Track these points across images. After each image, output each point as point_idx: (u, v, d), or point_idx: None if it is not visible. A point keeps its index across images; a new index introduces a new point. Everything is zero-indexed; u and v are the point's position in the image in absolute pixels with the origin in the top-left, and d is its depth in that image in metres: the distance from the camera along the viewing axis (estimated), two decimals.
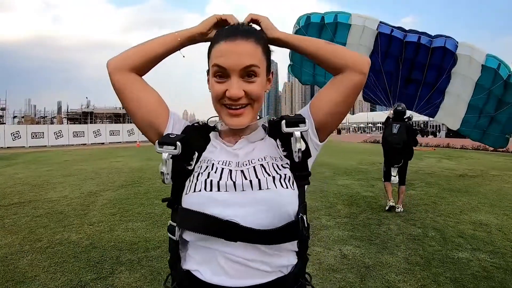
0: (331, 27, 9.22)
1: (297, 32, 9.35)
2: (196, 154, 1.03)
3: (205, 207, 0.91)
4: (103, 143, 34.38)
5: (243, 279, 0.90)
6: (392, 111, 6.77)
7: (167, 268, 3.36)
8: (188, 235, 0.96)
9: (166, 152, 0.95)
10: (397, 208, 6.15)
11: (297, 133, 0.96)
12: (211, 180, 0.94)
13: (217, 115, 1.08)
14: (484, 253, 4.20)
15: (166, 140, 0.97)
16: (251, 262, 0.91)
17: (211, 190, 0.93)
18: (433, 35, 8.82)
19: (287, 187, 0.94)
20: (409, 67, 9.22)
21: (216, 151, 1.05)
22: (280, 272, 0.94)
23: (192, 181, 0.97)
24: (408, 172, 6.72)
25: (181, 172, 0.99)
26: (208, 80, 1.05)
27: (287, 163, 1.01)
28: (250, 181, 0.94)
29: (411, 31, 9.07)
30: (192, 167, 1.01)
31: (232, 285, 0.89)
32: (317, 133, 1.08)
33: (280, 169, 0.99)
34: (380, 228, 5.18)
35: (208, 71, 1.05)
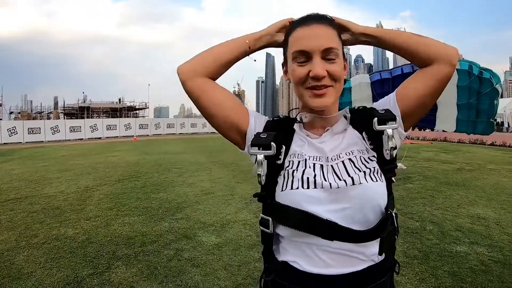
0: None
1: None
2: (284, 148, 1.02)
3: (303, 204, 0.92)
4: (100, 138, 34.27)
5: (340, 268, 0.92)
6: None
7: (164, 263, 3.35)
8: (282, 230, 0.98)
9: (261, 154, 0.96)
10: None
11: (390, 131, 0.96)
12: (308, 178, 0.95)
13: (297, 107, 1.12)
14: (482, 246, 4.19)
15: (259, 142, 0.98)
16: (347, 252, 0.92)
17: (308, 187, 0.93)
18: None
19: (376, 180, 0.95)
20: None
21: (305, 146, 1.04)
22: (372, 260, 0.95)
23: (287, 178, 0.97)
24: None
25: (273, 168, 0.99)
26: (285, 72, 1.11)
27: (374, 156, 1.01)
28: (344, 180, 0.94)
29: (395, 68, 10.05)
30: (282, 162, 1.01)
31: (330, 273, 0.92)
32: (402, 122, 1.07)
33: (368, 162, 0.99)
34: None
35: (283, 64, 1.11)
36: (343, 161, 0.99)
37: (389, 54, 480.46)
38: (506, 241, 4.39)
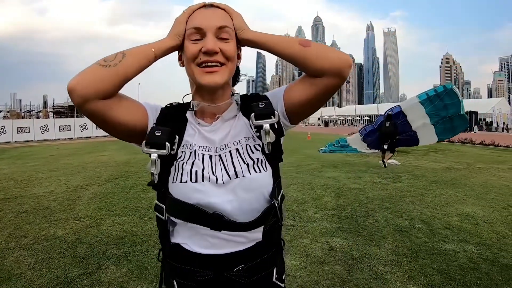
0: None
1: None
2: (177, 138, 1.06)
3: (191, 196, 0.98)
4: (89, 137, 33.98)
5: (225, 249, 1.00)
6: (386, 114, 11.16)
7: (154, 262, 3.34)
8: (175, 218, 1.04)
9: (155, 153, 0.99)
10: (382, 164, 10.64)
11: (266, 126, 1.02)
12: (196, 171, 1.01)
13: (190, 93, 1.15)
14: (471, 244, 4.24)
15: (153, 140, 1.00)
16: (233, 237, 1.01)
17: (196, 181, 0.99)
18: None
19: (260, 171, 1.02)
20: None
21: (195, 136, 1.09)
22: (255, 241, 1.04)
23: (178, 170, 1.02)
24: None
25: (167, 159, 1.03)
26: (180, 57, 1.12)
27: (259, 144, 1.07)
28: (228, 173, 1.01)
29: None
30: (175, 152, 1.05)
31: (215, 253, 1.00)
32: (288, 117, 1.12)
33: (253, 152, 1.06)
34: (367, 220, 5.21)
35: (179, 51, 1.11)
36: (230, 151, 1.06)
37: (379, 54, 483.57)
38: (495, 239, 4.45)
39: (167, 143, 1.00)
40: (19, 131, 30.18)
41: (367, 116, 76.33)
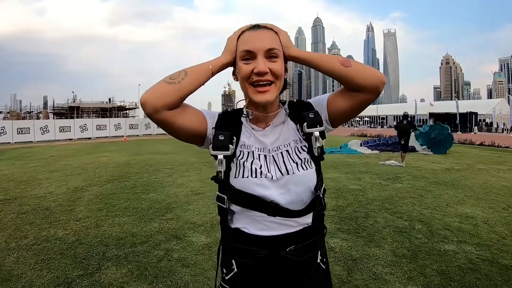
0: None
1: None
2: (235, 139, 1.22)
3: (251, 189, 1.16)
4: (89, 138, 34.01)
5: (279, 231, 1.17)
6: (403, 114, 13.09)
7: (154, 263, 3.36)
8: (235, 206, 1.21)
9: (221, 154, 1.17)
10: (401, 164, 11.48)
11: (316, 133, 1.20)
12: (255, 168, 1.18)
13: (243, 99, 1.28)
14: (470, 245, 4.25)
15: (219, 144, 1.18)
16: (286, 221, 1.18)
17: (255, 177, 1.17)
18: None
19: (307, 169, 1.20)
20: None
21: (251, 138, 1.26)
22: (306, 224, 1.21)
23: (239, 167, 1.19)
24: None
25: (228, 157, 1.20)
26: (234, 72, 1.27)
27: (305, 146, 1.25)
28: (281, 170, 1.19)
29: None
30: (234, 151, 1.21)
31: (271, 234, 1.17)
32: (330, 122, 1.29)
33: (300, 153, 1.23)
34: (367, 221, 5.21)
35: (234, 66, 1.25)
36: (281, 152, 1.23)
37: (379, 55, 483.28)
38: (494, 239, 4.45)
39: (230, 145, 1.18)
40: (19, 132, 30.23)
41: (367, 117, 76.41)
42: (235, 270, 1.21)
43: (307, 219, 1.21)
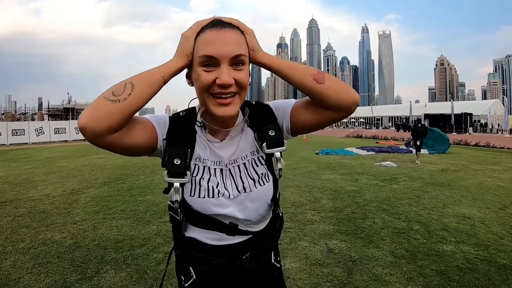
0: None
1: None
2: (189, 151, 1.12)
3: (208, 209, 1.10)
4: (85, 140, 33.77)
5: (234, 240, 1.15)
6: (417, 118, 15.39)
7: (153, 266, 3.34)
8: (194, 226, 1.16)
9: (178, 182, 1.07)
10: (416, 162, 12.67)
11: (277, 154, 1.13)
12: (212, 187, 1.11)
13: (195, 97, 1.12)
14: (468, 245, 4.27)
15: (174, 170, 1.07)
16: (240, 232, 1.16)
17: (213, 196, 1.10)
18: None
19: (264, 184, 1.15)
20: None
21: (207, 151, 1.15)
22: (255, 232, 1.19)
23: (196, 185, 1.11)
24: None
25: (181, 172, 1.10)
26: (188, 75, 1.11)
27: (262, 157, 1.18)
28: (237, 187, 1.14)
29: None
30: (188, 164, 1.11)
31: (226, 243, 1.14)
32: (290, 131, 1.19)
33: (258, 166, 1.17)
34: (365, 222, 5.22)
35: (189, 67, 1.08)
36: (238, 165, 1.16)
37: (374, 57, 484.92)
38: (492, 239, 4.48)
39: (188, 172, 1.09)
40: (14, 133, 30.04)
41: (362, 118, 76.54)
42: (194, 277, 1.18)
43: (260, 227, 1.21)
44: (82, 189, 8.06)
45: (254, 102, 1.22)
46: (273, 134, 1.14)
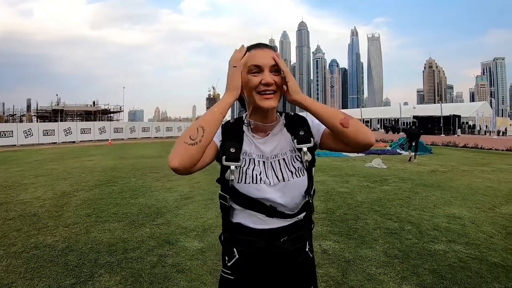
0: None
1: None
2: (239, 145, 1.40)
3: (252, 193, 1.34)
4: (74, 142, 33.54)
5: (274, 225, 1.35)
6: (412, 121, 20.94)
7: (148, 269, 3.34)
8: (236, 205, 1.38)
9: (233, 165, 1.34)
10: (414, 161, 13.59)
11: (305, 149, 1.39)
12: (256, 175, 1.35)
13: (242, 110, 1.53)
14: (460, 244, 4.33)
15: (231, 156, 1.35)
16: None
17: (256, 183, 1.34)
18: None
19: (300, 176, 1.39)
20: None
21: (252, 146, 1.42)
22: (297, 219, 1.39)
23: (242, 174, 1.36)
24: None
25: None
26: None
27: (298, 156, 1.42)
28: (278, 177, 1.37)
29: None
30: (239, 154, 1.38)
31: (266, 227, 1.35)
32: (319, 146, 1.49)
33: (295, 162, 1.41)
34: (357, 223, 5.27)
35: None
36: (279, 160, 1.40)
37: (363, 59, 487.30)
38: (482, 238, 4.55)
39: (242, 157, 1.37)
40: (2, 135, 29.64)
41: None
42: (237, 256, 1.38)
43: (300, 216, 1.41)
44: (73, 191, 7.99)
45: (292, 114, 1.52)
46: (303, 133, 1.42)
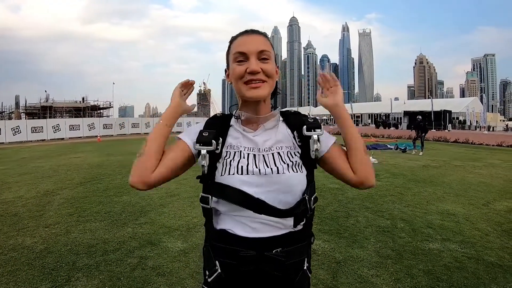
0: None
1: None
2: (221, 140, 1.24)
3: (238, 186, 1.15)
4: (63, 139, 33.13)
5: (265, 233, 1.15)
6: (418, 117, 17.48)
7: (127, 273, 3.11)
8: (221, 207, 1.20)
9: (204, 149, 1.19)
10: (420, 153, 14.80)
11: (315, 136, 1.23)
12: (242, 166, 1.19)
13: (236, 103, 1.36)
14: (454, 243, 4.20)
15: (202, 140, 1.21)
16: (271, 222, 1.16)
17: (242, 174, 1.17)
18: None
19: (297, 172, 1.20)
20: None
21: (240, 139, 1.27)
22: (291, 228, 1.19)
23: (225, 166, 1.20)
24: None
25: (212, 157, 1.21)
26: (227, 75, 1.32)
27: (298, 152, 1.26)
28: (271, 168, 1.18)
29: None
30: (220, 151, 1.23)
31: (257, 236, 1.15)
32: (318, 161, 1.30)
33: (292, 157, 1.24)
34: (348, 221, 5.11)
35: (226, 69, 1.33)
36: (273, 153, 1.23)
37: (354, 55, 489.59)
38: (478, 236, 4.42)
39: (213, 140, 1.20)
40: None
41: None
42: (219, 271, 1.17)
43: (290, 221, 1.19)
44: (57, 190, 7.75)
45: (293, 111, 1.38)
46: (312, 120, 1.28)
